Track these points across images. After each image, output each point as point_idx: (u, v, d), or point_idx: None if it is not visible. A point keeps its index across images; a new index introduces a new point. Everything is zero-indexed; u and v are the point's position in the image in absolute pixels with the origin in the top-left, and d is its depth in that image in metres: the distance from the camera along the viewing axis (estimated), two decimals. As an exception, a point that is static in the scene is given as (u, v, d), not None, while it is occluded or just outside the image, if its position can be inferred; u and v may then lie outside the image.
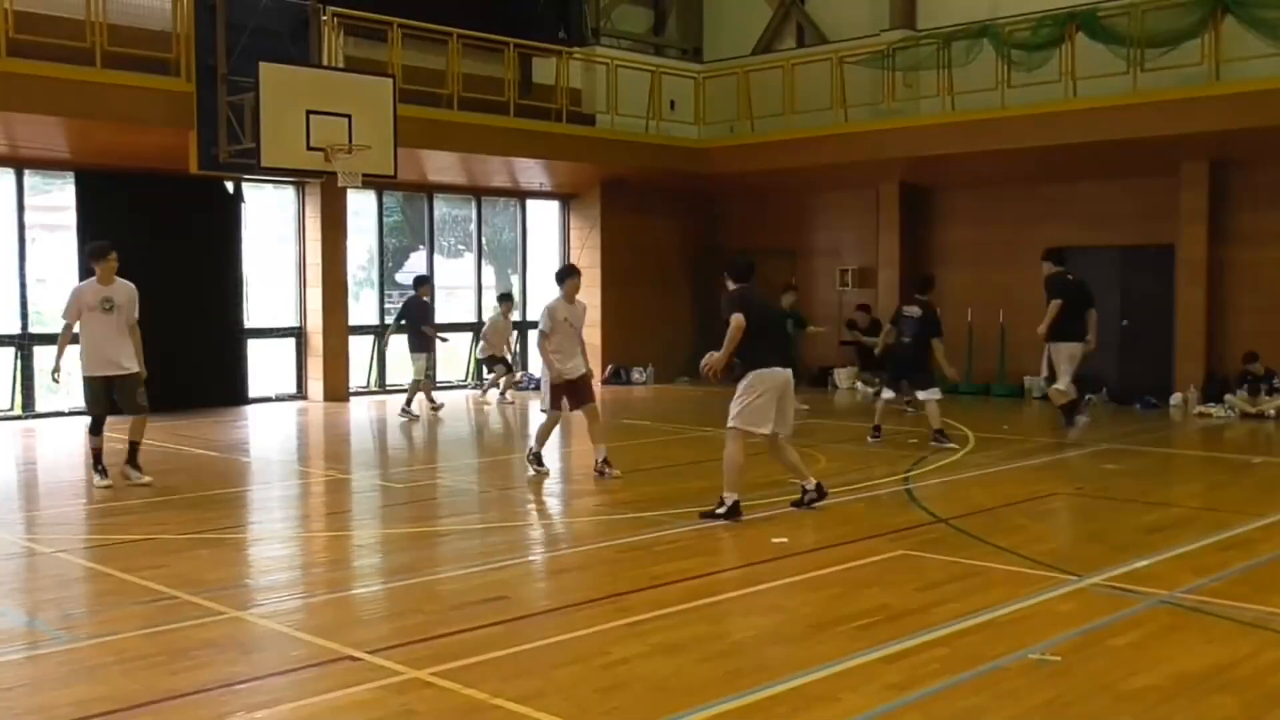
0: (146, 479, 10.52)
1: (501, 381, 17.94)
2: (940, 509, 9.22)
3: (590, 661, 5.58)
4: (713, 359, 8.95)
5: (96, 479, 10.47)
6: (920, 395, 13.17)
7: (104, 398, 10.40)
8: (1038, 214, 18.45)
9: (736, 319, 8.87)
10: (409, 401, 16.03)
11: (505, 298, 17.79)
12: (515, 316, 21.03)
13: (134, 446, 10.62)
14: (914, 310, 13.49)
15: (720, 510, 8.82)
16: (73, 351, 10.48)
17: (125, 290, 10.46)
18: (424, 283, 16.77)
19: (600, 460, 10.90)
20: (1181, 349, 17.04)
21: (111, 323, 10.30)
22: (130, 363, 10.43)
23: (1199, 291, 16.80)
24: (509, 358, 18.12)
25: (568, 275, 11.21)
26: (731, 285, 9.20)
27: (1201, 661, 5.53)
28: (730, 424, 9.00)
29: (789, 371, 9.10)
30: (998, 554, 7.70)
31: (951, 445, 12.63)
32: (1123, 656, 5.61)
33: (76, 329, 10.37)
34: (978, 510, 9.29)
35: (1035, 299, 18.17)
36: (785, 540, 8.12)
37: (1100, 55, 16.01)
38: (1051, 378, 13.46)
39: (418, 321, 16.27)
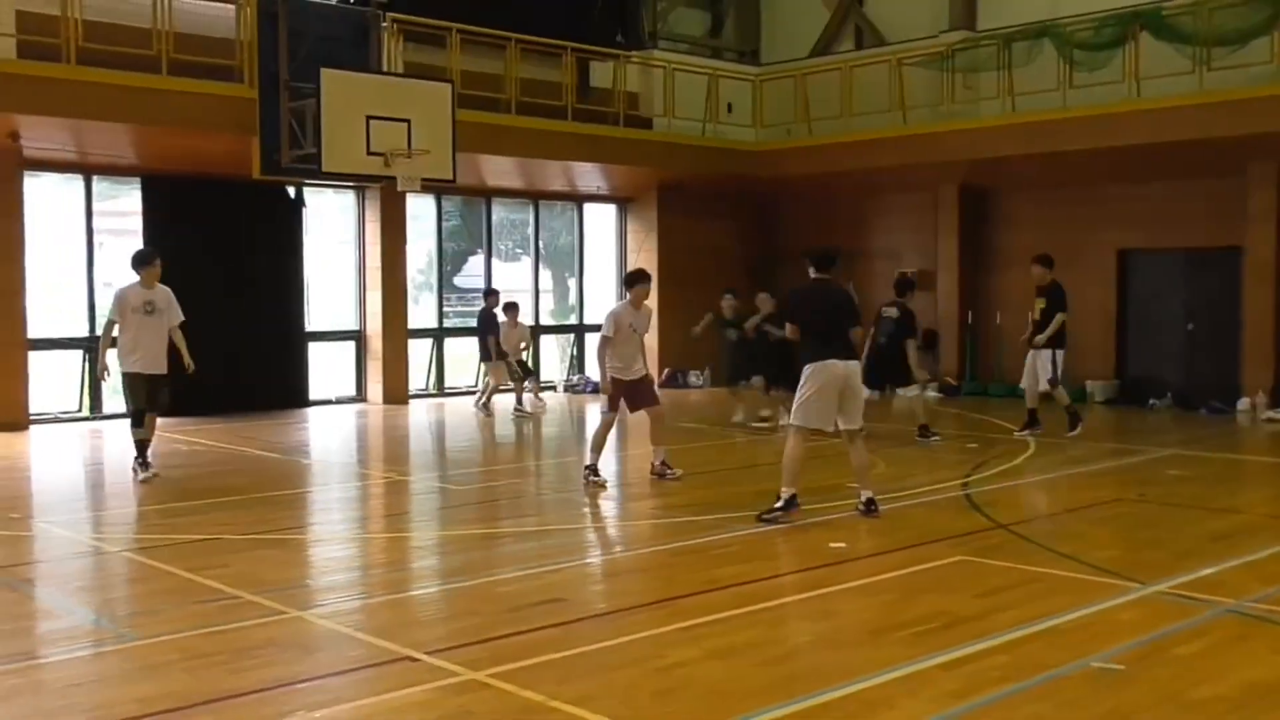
0: (155, 472, 10.98)
1: (526, 387, 17.06)
2: (999, 514, 9.12)
3: (645, 665, 5.57)
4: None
5: (140, 472, 10.90)
6: (901, 393, 13.25)
7: (143, 393, 10.88)
8: (1100, 216, 18.20)
9: (788, 332, 9.18)
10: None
11: (511, 307, 17.06)
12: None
13: (145, 444, 11.07)
14: (892, 312, 13.84)
15: (778, 505, 8.80)
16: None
17: (165, 294, 11.04)
18: (492, 294, 16.83)
19: (659, 462, 10.90)
20: (1249, 353, 16.72)
21: (152, 324, 10.87)
22: (163, 365, 10.98)
23: (1267, 293, 16.48)
24: (525, 364, 17.42)
25: (637, 281, 10.94)
26: (812, 274, 9.25)
27: (1271, 671, 5.42)
28: (790, 420, 9.04)
29: (851, 364, 8.94)
30: (1059, 560, 7.59)
31: (937, 438, 13.08)
32: (1188, 666, 5.51)
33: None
34: (1038, 516, 9.19)
35: (1098, 302, 18.06)
36: (843, 545, 8.08)
37: (1165, 54, 15.76)
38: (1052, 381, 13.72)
39: (484, 332, 16.39)
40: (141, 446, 10.96)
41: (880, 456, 12.13)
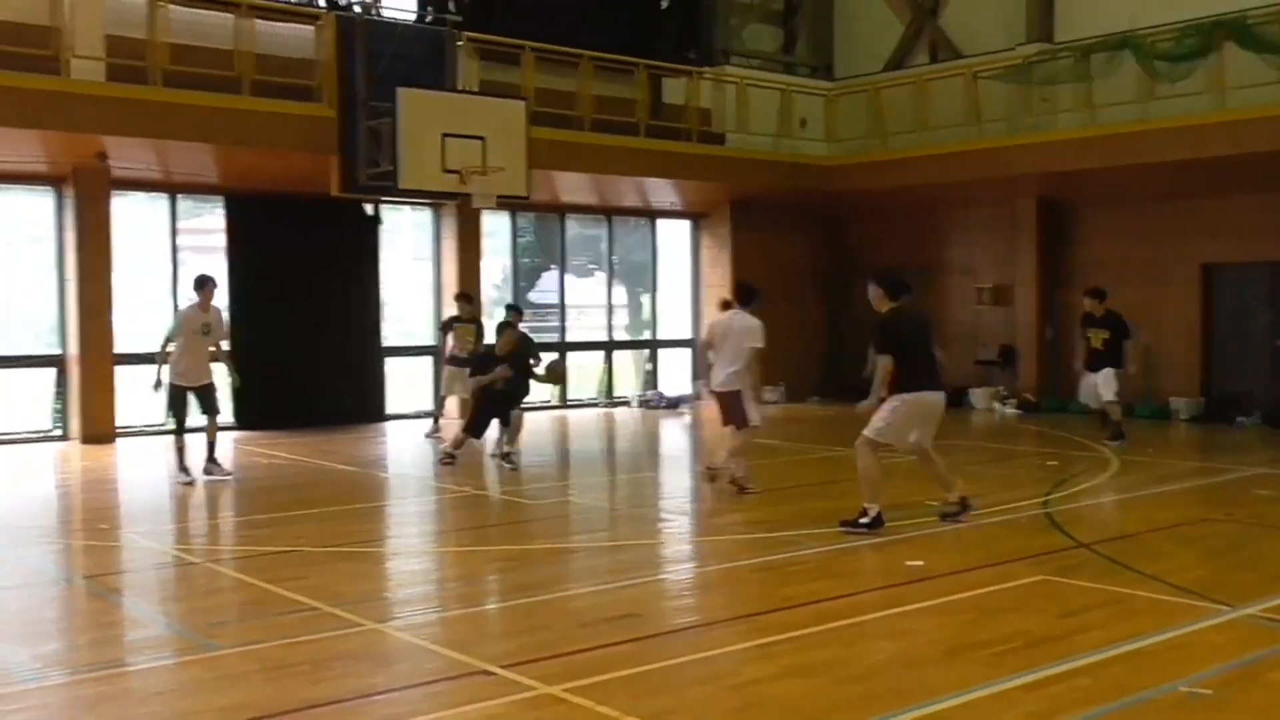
0: (229, 472, 12.11)
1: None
2: (1082, 533, 8.95)
3: (721, 682, 5.54)
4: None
5: (180, 476, 11.76)
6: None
7: (184, 404, 11.87)
8: (1184, 230, 17.84)
9: (884, 362, 8.88)
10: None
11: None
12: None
13: (212, 447, 12.09)
14: None
15: (864, 520, 8.79)
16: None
17: (217, 315, 12.05)
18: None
19: (730, 475, 10.81)
20: (1341, 369, 16.27)
21: (204, 343, 11.87)
22: (209, 375, 11.97)
23: (1360, 308, 16.04)
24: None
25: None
26: (886, 304, 9.11)
27: (1366, 698, 5.26)
28: (865, 433, 8.93)
29: (941, 395, 9.10)
30: (1143, 581, 7.43)
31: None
32: (1280, 691, 5.36)
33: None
34: (1121, 535, 9.00)
35: (1182, 317, 17.69)
36: (921, 563, 7.97)
37: (1249, 64, 15.41)
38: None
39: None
40: (182, 454, 11.84)
41: (958, 474, 11.97)
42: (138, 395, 15.88)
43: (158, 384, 11.81)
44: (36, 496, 11.70)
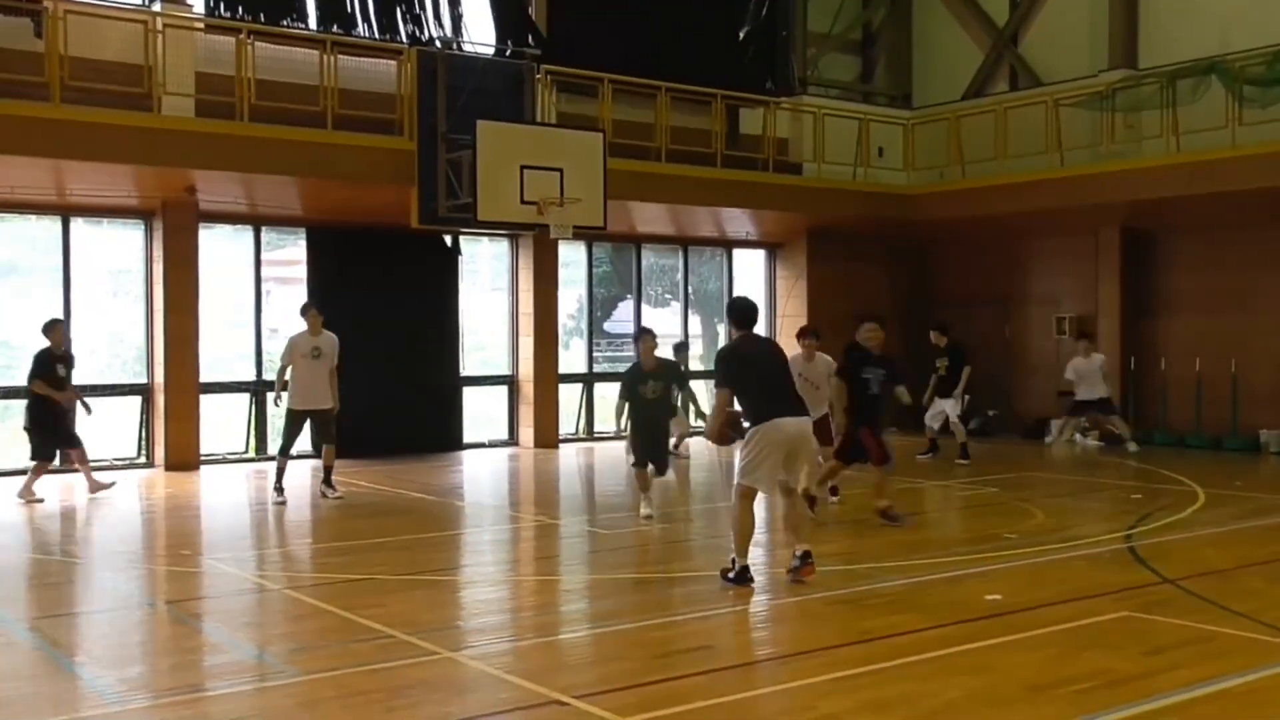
0: (340, 494, 12.59)
1: None
2: (1167, 569, 8.73)
3: (796, 716, 5.49)
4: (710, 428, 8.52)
5: (274, 495, 12.42)
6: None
7: (298, 428, 12.55)
8: (1271, 259, 17.41)
9: (720, 395, 8.28)
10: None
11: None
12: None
13: (328, 470, 12.74)
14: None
15: (730, 575, 8.24)
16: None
17: (329, 340, 12.53)
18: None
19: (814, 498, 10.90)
20: None
21: (316, 367, 12.38)
22: (328, 401, 12.50)
23: None
24: None
25: (800, 335, 12.02)
26: (734, 333, 8.69)
27: None
28: (735, 480, 8.39)
29: (800, 421, 8.29)
30: (1232, 619, 7.22)
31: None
32: (1377, 735, 5.17)
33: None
34: (1209, 571, 8.76)
35: (1269, 347, 17.25)
36: (999, 597, 7.84)
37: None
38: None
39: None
40: (281, 474, 12.49)
41: (1038, 507, 11.78)
42: (221, 423, 16.24)
43: (278, 400, 12.75)
44: (122, 522, 11.96)
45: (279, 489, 12.47)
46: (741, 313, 8.63)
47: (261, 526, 12.10)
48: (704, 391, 17.45)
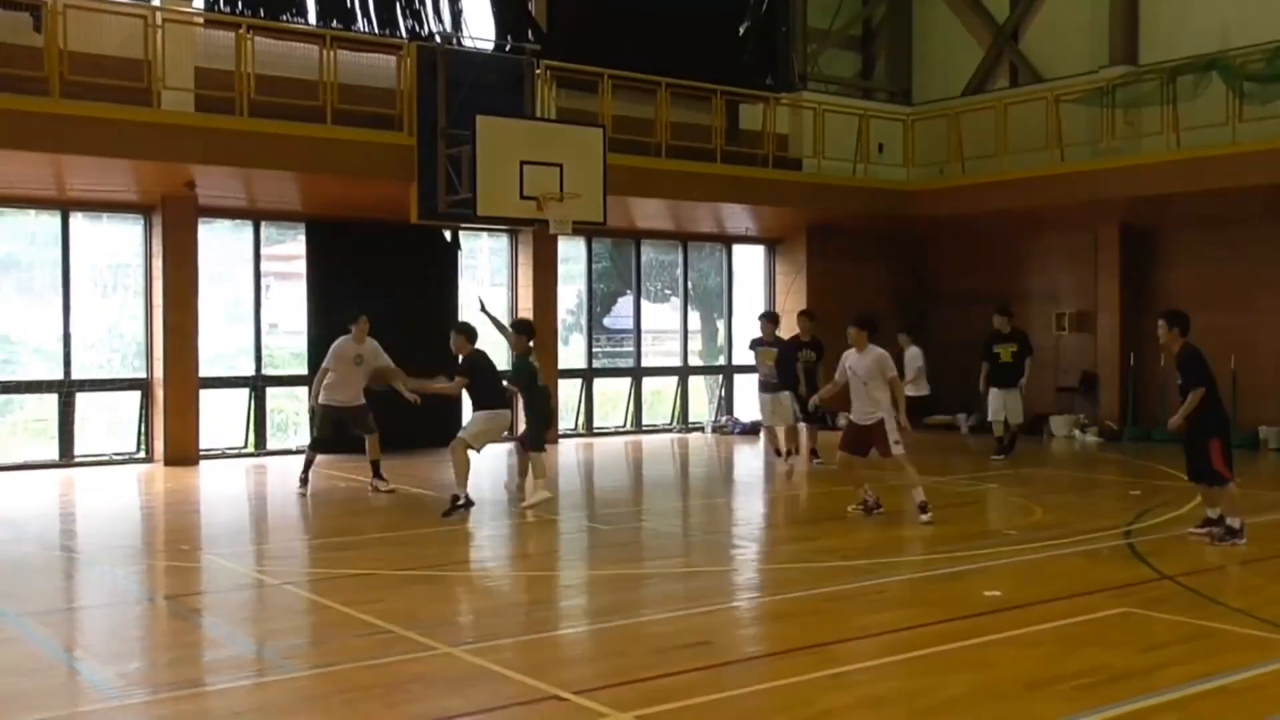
0: (392, 487, 12.86)
1: None
2: (1166, 565, 8.74)
3: (794, 711, 5.49)
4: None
5: (299, 486, 12.67)
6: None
7: (329, 424, 12.85)
8: (1272, 255, 17.41)
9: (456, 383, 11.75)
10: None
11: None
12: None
13: (376, 464, 13.03)
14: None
15: (459, 504, 10.99)
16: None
17: (372, 348, 12.91)
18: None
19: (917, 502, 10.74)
20: None
21: (357, 372, 12.81)
22: (359, 399, 12.92)
23: None
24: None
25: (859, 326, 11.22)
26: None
27: None
28: (461, 435, 11.54)
29: (504, 412, 11.89)
30: (1231, 615, 7.23)
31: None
32: (1374, 731, 5.18)
33: None
34: (1208, 568, 8.77)
35: (1270, 344, 17.25)
36: (998, 594, 7.84)
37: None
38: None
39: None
40: (309, 465, 12.86)
41: (1037, 503, 11.79)
42: (220, 418, 16.24)
43: (312, 410, 13.24)
44: (121, 517, 11.97)
45: (304, 480, 12.73)
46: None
47: (260, 521, 12.11)
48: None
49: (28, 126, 12.45)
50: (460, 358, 11.83)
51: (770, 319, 15.47)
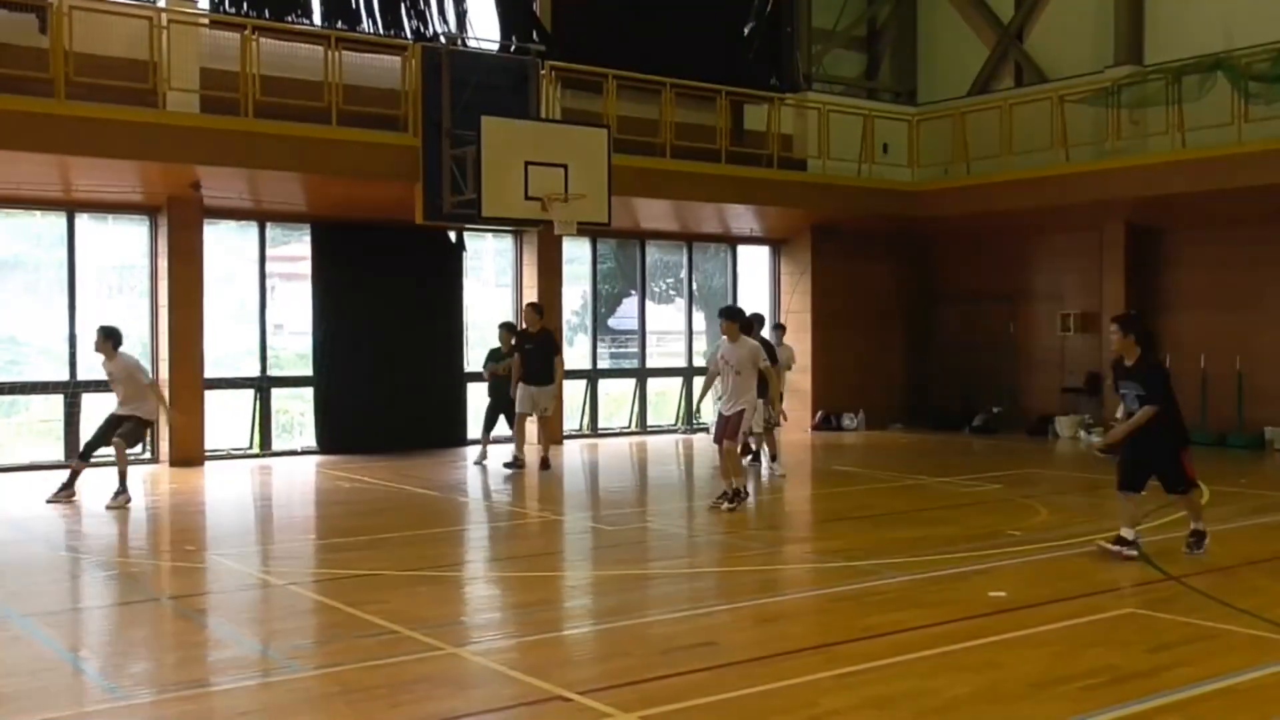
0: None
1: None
2: (1171, 566, 8.72)
3: (798, 713, 5.48)
4: None
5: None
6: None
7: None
8: (1278, 255, 17.38)
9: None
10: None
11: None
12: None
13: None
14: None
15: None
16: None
17: (121, 365, 12.30)
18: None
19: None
20: None
21: (119, 387, 12.29)
22: (128, 409, 12.26)
23: None
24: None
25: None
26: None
27: None
28: None
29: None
30: (1237, 616, 7.21)
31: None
32: (1381, 732, 5.16)
33: None
34: (1213, 568, 8.75)
35: (1276, 344, 17.22)
36: (1003, 594, 7.83)
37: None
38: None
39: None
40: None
41: (1043, 503, 11.77)
42: (225, 419, 16.26)
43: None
44: (126, 518, 11.97)
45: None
46: None
47: (265, 522, 12.12)
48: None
49: (33, 128, 12.48)
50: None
51: (757, 322, 15.09)
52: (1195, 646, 6.57)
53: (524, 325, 15.28)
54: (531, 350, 14.71)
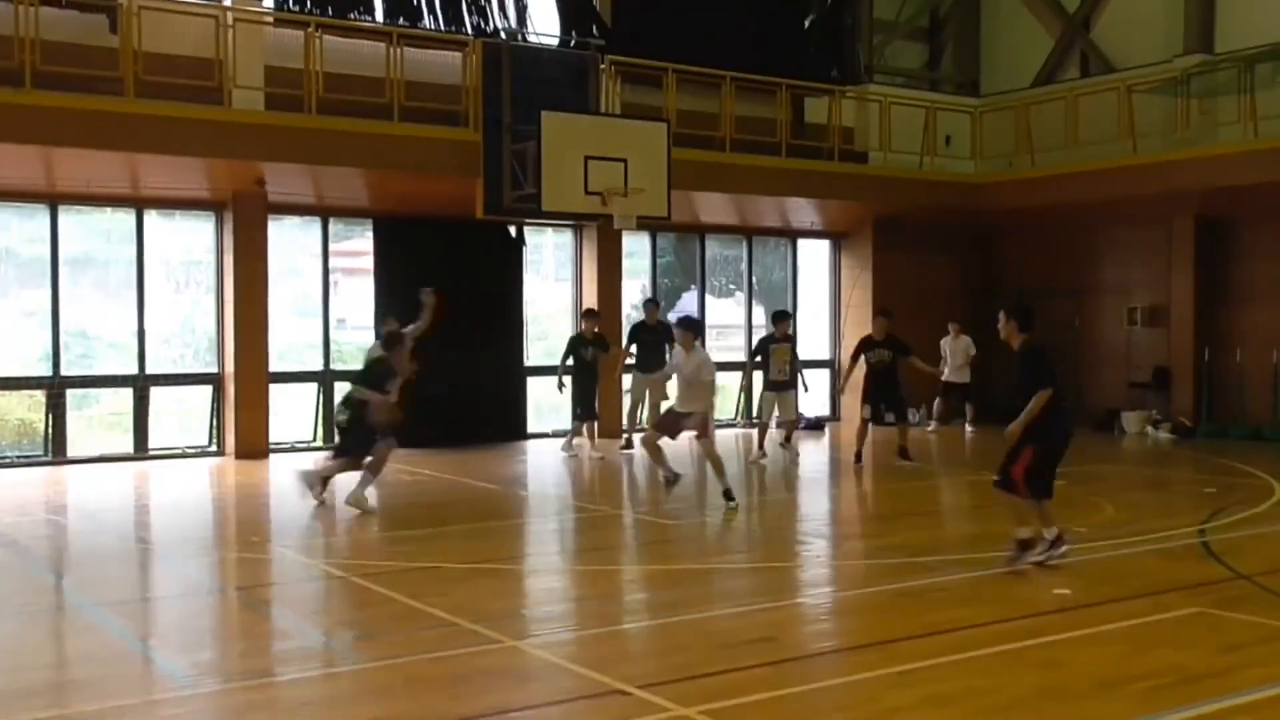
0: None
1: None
2: (1242, 564, 8.55)
3: (858, 709, 5.45)
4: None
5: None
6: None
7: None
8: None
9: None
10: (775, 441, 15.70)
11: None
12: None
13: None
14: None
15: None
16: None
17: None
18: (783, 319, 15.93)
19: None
20: None
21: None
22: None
23: None
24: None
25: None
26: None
27: None
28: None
29: None
30: (1309, 616, 7.06)
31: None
32: None
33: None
34: (1285, 567, 8.57)
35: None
36: (1067, 592, 7.73)
37: None
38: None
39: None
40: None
41: (1108, 500, 11.60)
42: (289, 412, 16.46)
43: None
44: (193, 510, 12.18)
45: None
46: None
47: (329, 514, 12.25)
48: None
49: (104, 126, 12.70)
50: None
51: (786, 317, 15.75)
52: (1266, 647, 6.44)
53: (646, 319, 16.20)
54: (650, 341, 15.70)
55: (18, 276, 15.33)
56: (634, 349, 16.00)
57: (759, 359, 15.46)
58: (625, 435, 15.84)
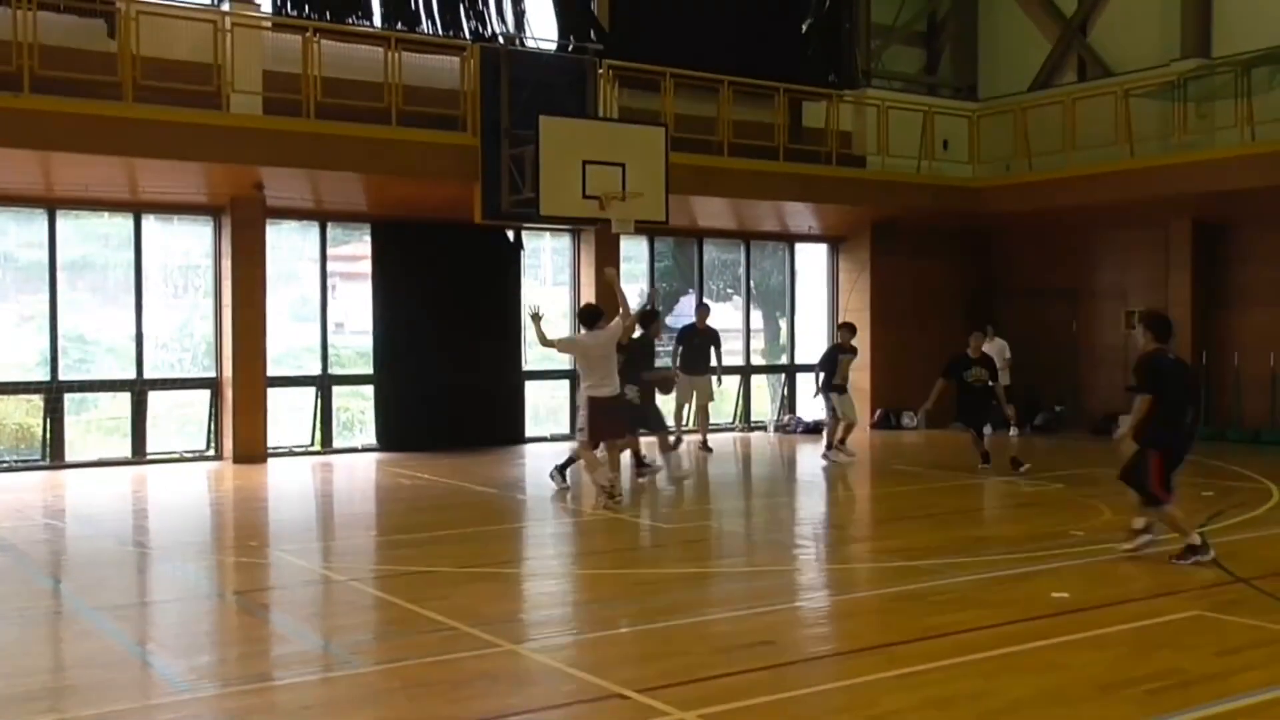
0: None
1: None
2: (1240, 568, 8.55)
3: (857, 712, 5.45)
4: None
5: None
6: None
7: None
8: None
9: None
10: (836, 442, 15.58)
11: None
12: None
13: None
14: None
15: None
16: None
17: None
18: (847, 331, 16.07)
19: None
20: None
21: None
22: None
23: None
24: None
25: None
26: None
27: None
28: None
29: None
30: (1308, 619, 7.07)
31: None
32: None
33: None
34: (1283, 571, 8.58)
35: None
36: (1066, 595, 7.73)
37: None
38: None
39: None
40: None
41: (1106, 504, 11.60)
42: (287, 416, 16.46)
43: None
44: (191, 514, 12.17)
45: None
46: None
47: (327, 519, 12.25)
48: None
49: (102, 131, 12.69)
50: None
51: (851, 329, 16.02)
52: (1265, 650, 6.44)
53: (696, 322, 17.06)
54: (699, 345, 16.61)
55: (15, 281, 15.32)
56: (680, 350, 16.81)
57: (829, 367, 15.51)
58: (672, 436, 15.58)
